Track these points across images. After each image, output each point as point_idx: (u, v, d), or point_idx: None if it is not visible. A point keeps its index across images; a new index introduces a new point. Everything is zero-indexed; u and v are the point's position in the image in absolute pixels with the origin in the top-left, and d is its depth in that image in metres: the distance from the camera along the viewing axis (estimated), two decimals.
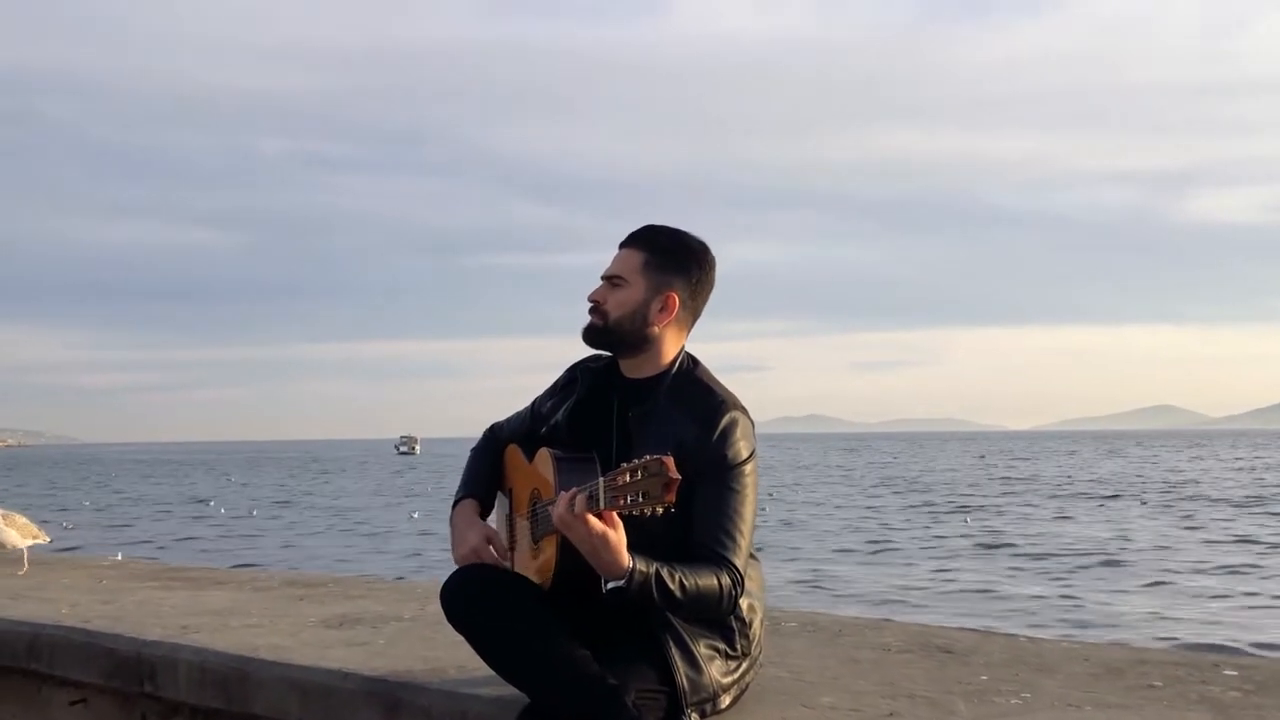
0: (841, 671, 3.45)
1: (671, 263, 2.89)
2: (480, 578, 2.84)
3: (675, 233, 2.94)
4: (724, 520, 2.77)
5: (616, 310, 2.89)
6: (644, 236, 2.93)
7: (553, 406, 3.06)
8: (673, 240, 2.93)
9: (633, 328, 2.89)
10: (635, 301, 2.88)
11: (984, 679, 3.36)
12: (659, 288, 2.88)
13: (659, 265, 2.89)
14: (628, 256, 2.92)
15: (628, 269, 2.90)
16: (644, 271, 2.88)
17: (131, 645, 3.93)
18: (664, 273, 2.88)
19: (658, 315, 2.89)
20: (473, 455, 3.20)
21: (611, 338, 2.92)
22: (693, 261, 2.91)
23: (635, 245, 2.92)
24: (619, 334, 2.90)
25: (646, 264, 2.89)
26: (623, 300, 2.88)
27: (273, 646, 3.74)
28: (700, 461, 2.76)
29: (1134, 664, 3.58)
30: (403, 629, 4.07)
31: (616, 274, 2.91)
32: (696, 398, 2.87)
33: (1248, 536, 25.08)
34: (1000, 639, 4.08)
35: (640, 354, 2.93)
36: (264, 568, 12.96)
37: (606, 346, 2.97)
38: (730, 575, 2.75)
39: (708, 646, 2.82)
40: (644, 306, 2.88)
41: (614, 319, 2.89)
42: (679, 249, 2.91)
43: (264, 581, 5.42)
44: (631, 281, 2.88)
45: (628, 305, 2.88)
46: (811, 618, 4.46)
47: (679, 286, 2.89)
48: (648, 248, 2.91)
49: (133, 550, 21.77)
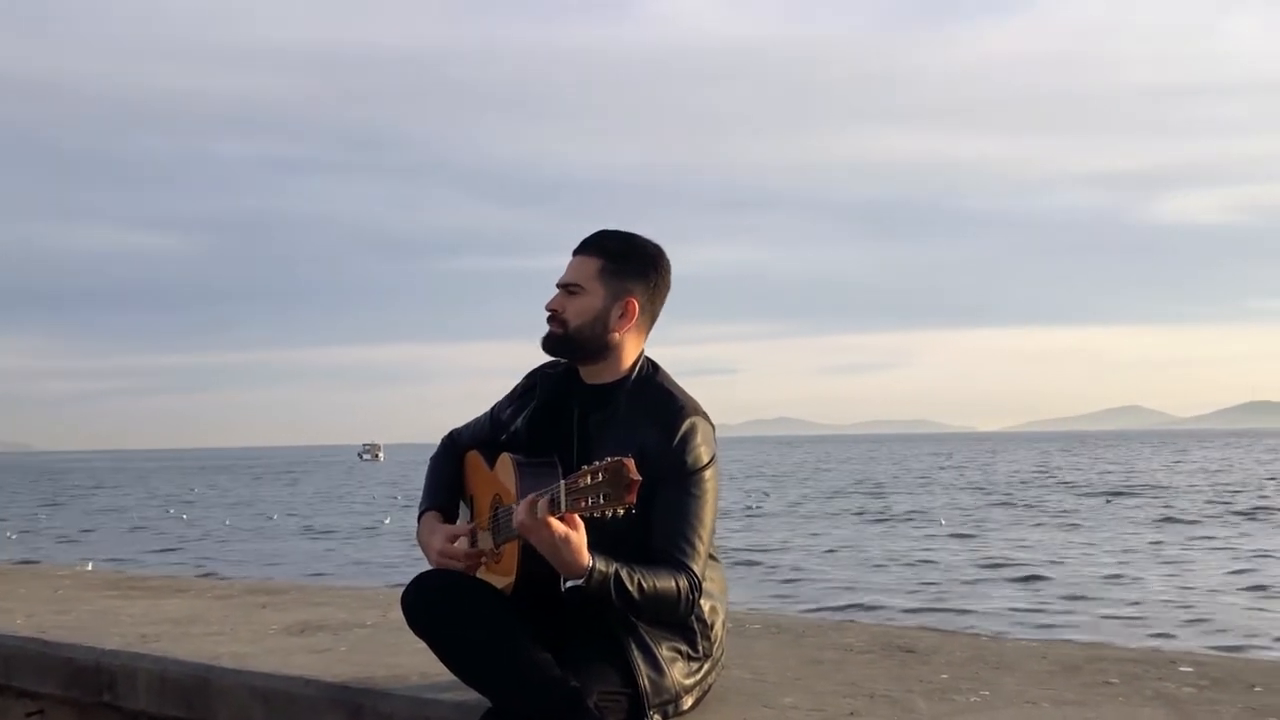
0: (804, 672, 3.50)
1: (628, 268, 2.93)
2: (440, 583, 2.87)
3: (629, 237, 2.98)
4: (683, 525, 2.82)
5: (576, 318, 2.91)
6: (598, 243, 2.96)
7: (512, 413, 3.10)
8: (628, 245, 2.96)
9: (593, 335, 2.92)
10: (595, 309, 2.91)
11: (944, 677, 3.42)
12: (618, 294, 2.91)
13: (616, 271, 2.92)
14: (583, 264, 2.94)
15: (584, 276, 2.92)
16: (601, 278, 2.91)
17: (90, 655, 3.93)
18: (621, 278, 2.92)
19: (618, 321, 2.92)
20: (432, 463, 3.22)
21: (572, 345, 2.95)
22: (649, 265, 2.95)
23: (590, 252, 2.95)
24: (579, 342, 2.93)
25: (603, 270, 2.91)
26: (582, 308, 2.91)
27: (234, 654, 3.76)
28: (661, 466, 2.80)
29: (1091, 661, 3.65)
30: (365, 636, 4.09)
31: (573, 282, 2.93)
32: (657, 403, 2.91)
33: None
34: (962, 638, 4.15)
35: (600, 360, 2.96)
36: (226, 576, 12.91)
37: (567, 354, 3.00)
38: (688, 579, 2.79)
39: (670, 648, 2.86)
40: (604, 313, 2.91)
41: (574, 327, 2.92)
42: (635, 253, 2.95)
43: (225, 589, 5.43)
44: (589, 289, 2.91)
45: (587, 313, 2.91)
46: (775, 619, 4.52)
47: (638, 291, 2.93)
48: (603, 254, 2.93)
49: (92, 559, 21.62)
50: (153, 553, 26.07)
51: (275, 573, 21.05)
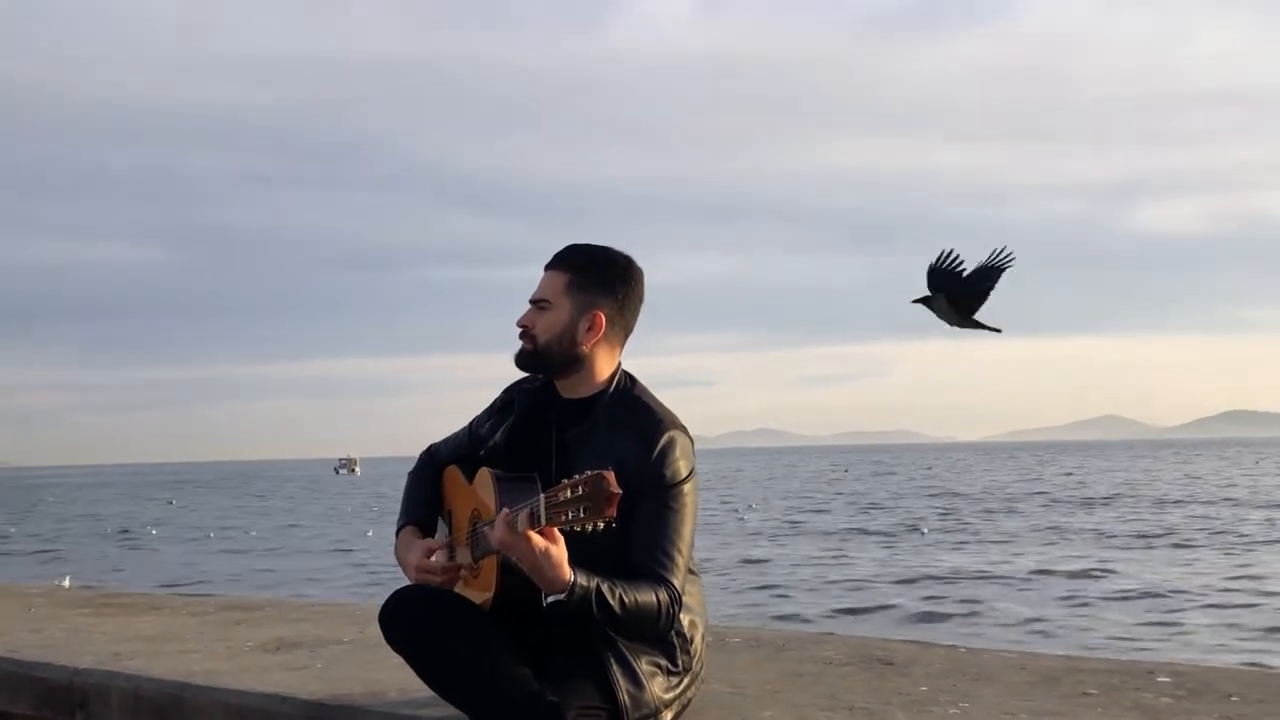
0: (783, 685, 3.51)
1: (595, 281, 2.94)
2: (418, 598, 2.87)
3: (598, 250, 2.99)
4: (663, 539, 2.82)
5: (545, 333, 2.93)
6: (566, 257, 2.98)
7: (491, 428, 3.10)
8: (595, 258, 2.97)
9: (562, 349, 2.94)
10: (562, 323, 2.92)
11: (923, 689, 3.44)
12: (584, 307, 2.93)
13: (582, 285, 2.93)
14: (552, 278, 2.96)
15: (552, 291, 2.94)
16: (568, 292, 2.93)
17: (62, 673, 3.91)
18: (588, 292, 2.93)
19: (586, 335, 2.93)
20: (411, 478, 3.23)
21: (542, 360, 2.97)
22: (617, 278, 2.96)
23: (558, 267, 2.97)
24: (549, 356, 2.95)
25: (570, 284, 2.93)
26: (550, 323, 2.93)
27: (208, 672, 3.74)
28: (640, 480, 2.81)
29: (1070, 672, 3.68)
30: (342, 652, 4.08)
31: (542, 297, 2.95)
32: (635, 417, 2.92)
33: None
34: (940, 650, 4.16)
35: (573, 374, 2.97)
36: (200, 593, 12.83)
37: (539, 370, 3.01)
38: (669, 593, 2.79)
39: (649, 663, 2.86)
40: (571, 327, 2.92)
41: (543, 342, 2.94)
42: (602, 267, 2.96)
43: (200, 606, 5.40)
44: (557, 304, 2.93)
45: (555, 328, 2.92)
46: (754, 633, 4.53)
47: (605, 305, 2.94)
48: (571, 268, 2.95)
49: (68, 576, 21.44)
50: (127, 569, 25.87)
51: (252, 589, 20.92)
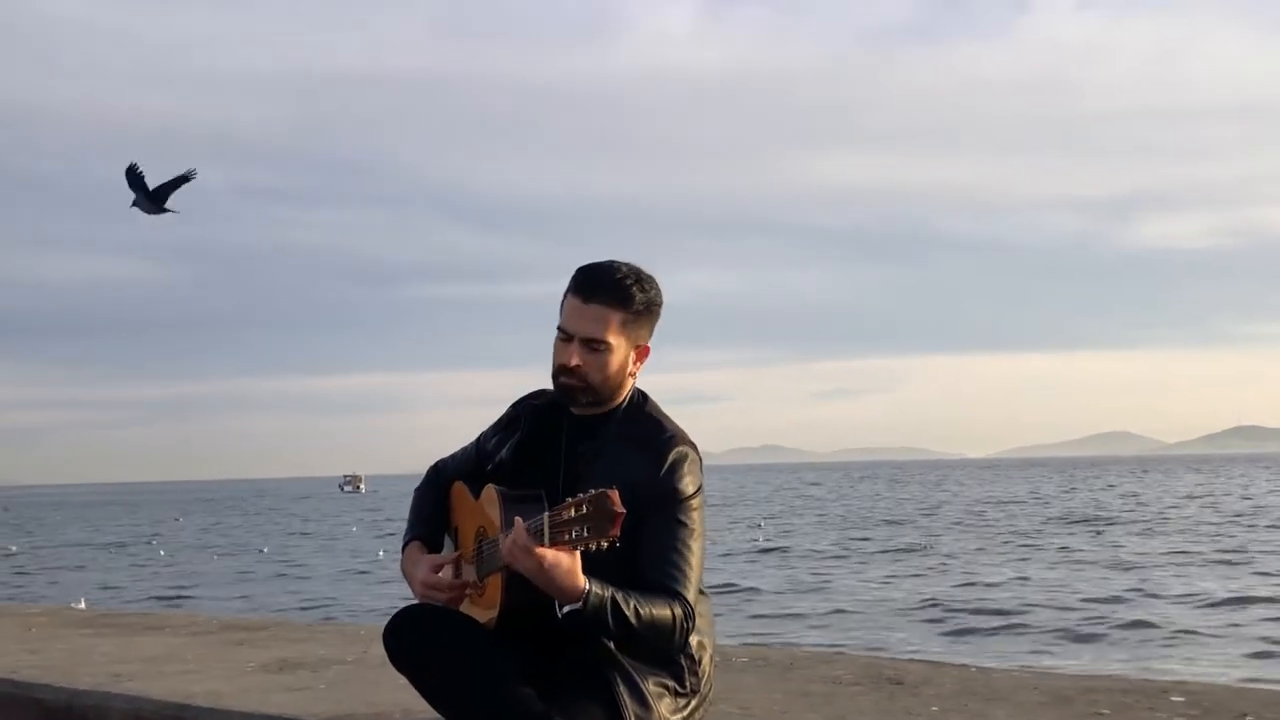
0: (791, 705, 3.47)
1: (644, 316, 2.89)
2: (422, 617, 2.84)
3: (646, 285, 2.88)
4: (673, 554, 2.79)
5: (598, 374, 2.85)
6: (614, 292, 2.85)
7: (498, 443, 3.07)
8: (643, 292, 2.87)
9: (610, 387, 2.89)
10: (618, 364, 2.87)
11: (934, 709, 3.40)
12: (635, 343, 2.89)
13: (635, 322, 2.87)
14: (602, 316, 2.84)
15: (608, 331, 2.84)
16: (623, 331, 2.86)
17: (61, 695, 3.88)
18: (637, 327, 2.88)
19: (634, 367, 2.91)
20: (417, 494, 3.19)
21: (590, 397, 2.89)
22: (656, 306, 2.91)
23: (608, 303, 2.84)
24: (598, 393, 2.88)
25: (624, 323, 2.85)
26: (604, 364, 2.85)
27: (209, 693, 3.71)
28: (649, 496, 2.78)
29: (1082, 692, 3.63)
30: (345, 672, 4.05)
31: (596, 338, 2.84)
32: (646, 433, 2.88)
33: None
34: (951, 669, 4.12)
35: (613, 401, 2.93)
36: (201, 612, 12.78)
37: (586, 405, 2.92)
38: (683, 607, 2.76)
39: (656, 684, 2.82)
40: (624, 365, 2.88)
41: (595, 381, 2.86)
42: (650, 301, 2.89)
43: (201, 626, 5.37)
44: (614, 345, 2.85)
45: (610, 368, 2.85)
46: (762, 652, 4.49)
47: (646, 335, 2.91)
48: (622, 304, 2.85)
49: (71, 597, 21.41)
50: (137, 588, 25.77)
51: (258, 608, 20.87)
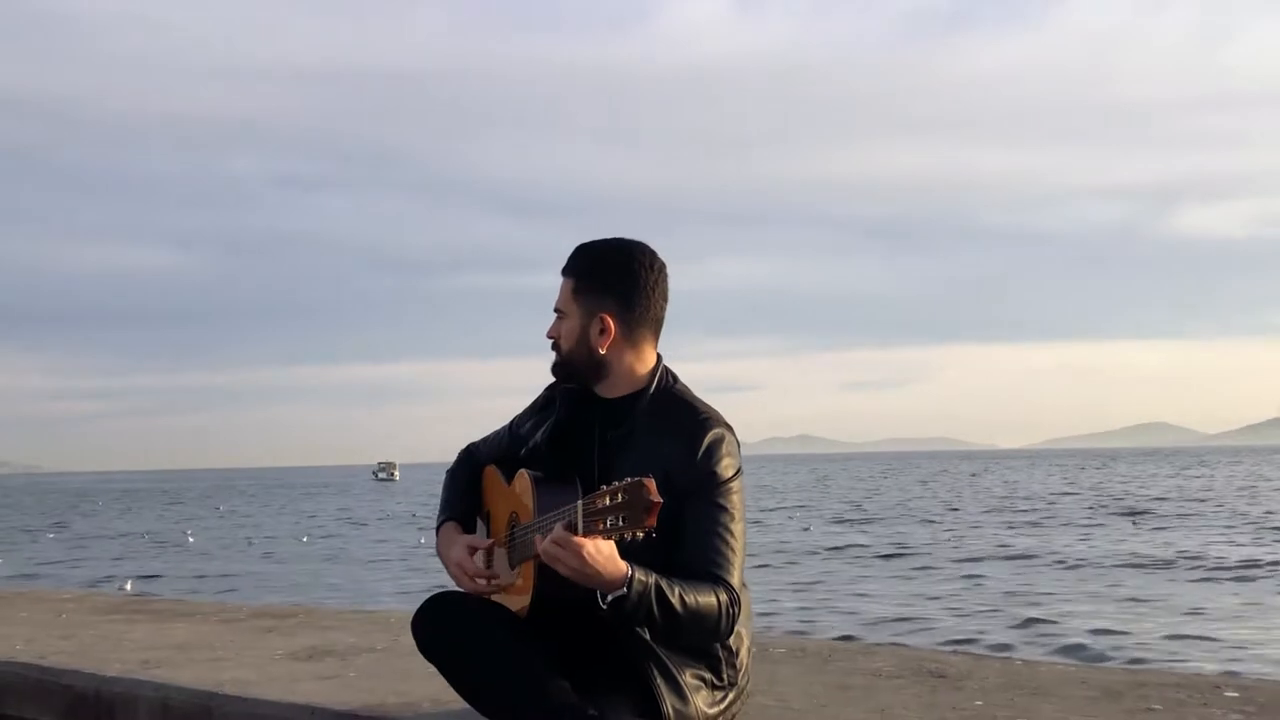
0: (830, 699, 3.39)
1: (597, 284, 2.85)
2: (453, 606, 2.78)
3: (598, 249, 2.90)
4: (716, 540, 2.72)
5: (565, 343, 2.89)
6: (572, 261, 2.91)
7: (532, 427, 3.01)
8: (594, 259, 2.89)
9: (582, 357, 2.87)
10: (576, 331, 2.87)
11: (978, 704, 3.31)
12: (591, 311, 2.85)
13: (586, 289, 2.86)
14: (563, 285, 2.91)
15: (564, 299, 2.90)
16: (575, 299, 2.87)
17: (90, 682, 3.84)
18: (592, 295, 2.85)
19: (600, 339, 2.85)
20: (449, 477, 3.14)
21: (570, 368, 2.91)
22: (614, 277, 2.85)
23: (566, 272, 2.91)
24: (574, 365, 2.89)
25: (576, 290, 2.87)
26: (567, 332, 2.88)
27: (238, 681, 3.67)
28: (687, 481, 2.71)
29: (1132, 687, 3.53)
30: (376, 660, 4.00)
31: (558, 306, 2.91)
32: (678, 416, 2.81)
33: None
34: (995, 662, 4.03)
35: (604, 377, 2.88)
36: (233, 600, 12.80)
37: (569, 378, 2.94)
38: (728, 593, 2.69)
39: (694, 676, 2.75)
40: (584, 334, 2.85)
41: (565, 351, 2.89)
42: (601, 267, 2.87)
43: (232, 613, 5.34)
44: (569, 311, 2.88)
45: (571, 336, 2.87)
46: (800, 643, 4.41)
47: (610, 305, 2.84)
48: (574, 273, 2.89)
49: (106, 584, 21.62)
50: (170, 576, 25.93)
51: (292, 597, 20.97)
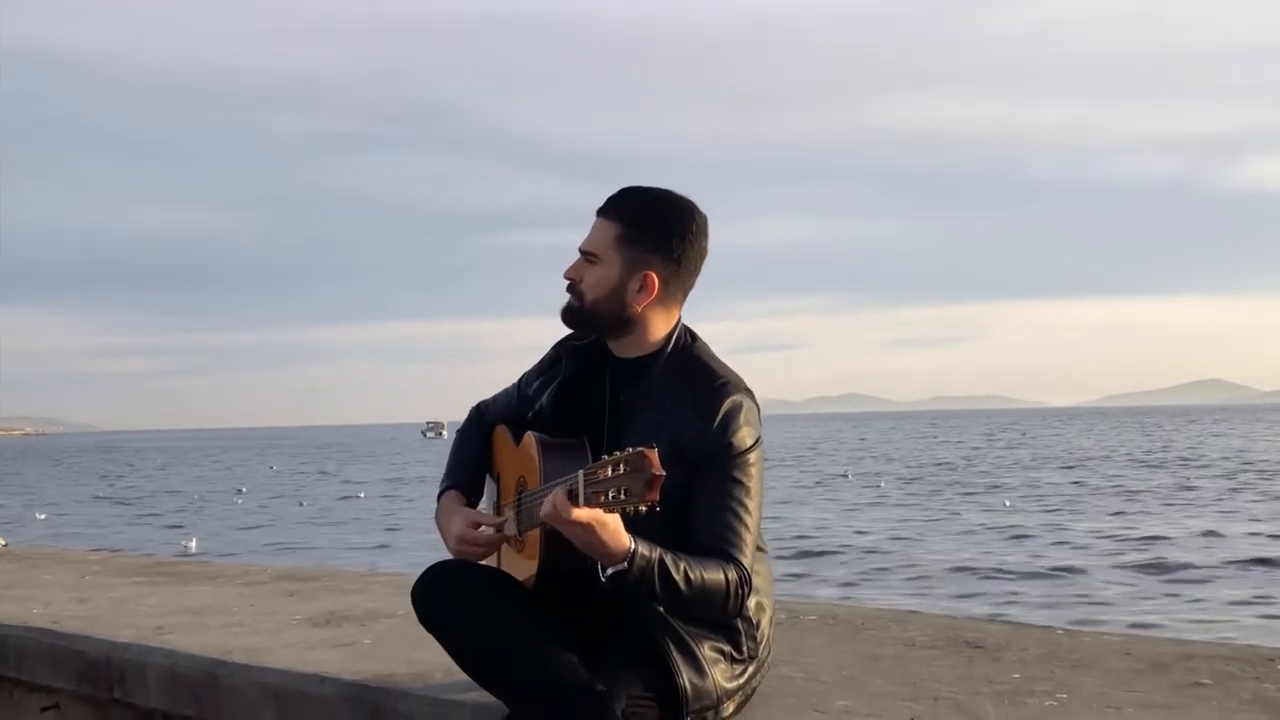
0: (860, 670, 3.25)
1: (648, 236, 2.64)
2: (455, 574, 2.66)
3: (653, 199, 2.68)
4: (727, 513, 2.57)
5: (592, 291, 2.67)
6: (618, 205, 2.68)
7: (539, 387, 2.86)
8: (649, 209, 2.67)
9: (610, 309, 2.67)
10: (611, 282, 2.65)
11: (1016, 677, 3.16)
12: (636, 266, 2.64)
13: (634, 239, 2.64)
14: (602, 229, 2.67)
15: (602, 244, 2.66)
16: (619, 247, 2.64)
17: (101, 648, 3.77)
18: (640, 248, 2.64)
19: (636, 296, 2.65)
20: (458, 437, 3.01)
21: (589, 319, 2.70)
22: (673, 232, 2.66)
23: (610, 215, 2.67)
24: (596, 316, 2.69)
25: (621, 239, 2.64)
26: (598, 280, 2.66)
27: (248, 648, 3.58)
28: (700, 450, 2.56)
29: (1180, 659, 3.36)
30: (393, 627, 3.89)
31: (590, 249, 2.68)
32: (695, 379, 2.66)
33: None
34: (1035, 632, 3.86)
35: (625, 335, 2.71)
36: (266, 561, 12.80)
37: (585, 329, 2.75)
38: (738, 571, 2.54)
39: (712, 649, 2.62)
40: (620, 287, 2.65)
41: (590, 300, 2.67)
42: (656, 219, 2.66)
43: (255, 576, 5.26)
44: (605, 259, 2.65)
45: (603, 286, 2.65)
46: (831, 610, 4.26)
47: (658, 263, 2.65)
48: (622, 219, 2.66)
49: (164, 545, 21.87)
50: (224, 535, 26.12)
51: (336, 557, 21.10)
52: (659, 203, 2.68)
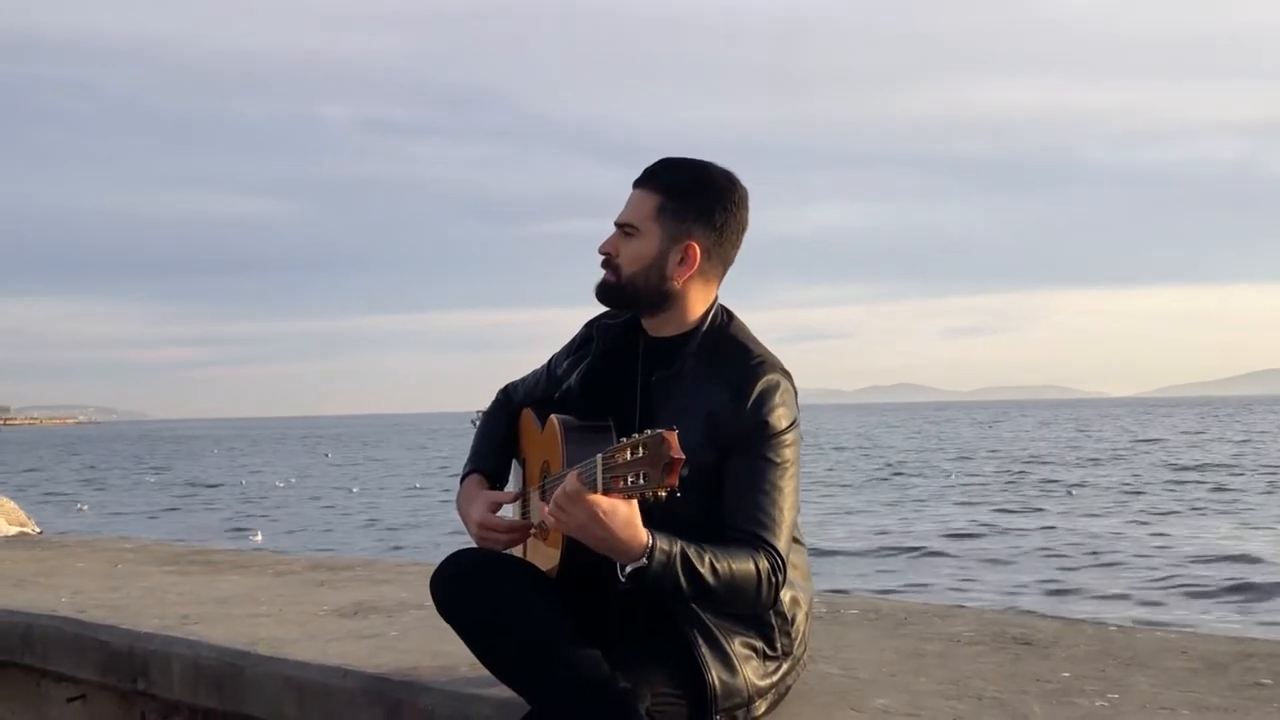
0: (901, 667, 3.16)
1: (690, 206, 2.58)
2: (475, 564, 2.59)
3: (694, 168, 2.63)
4: (761, 497, 2.48)
5: (631, 264, 2.60)
6: (658, 175, 2.62)
7: (569, 366, 2.79)
8: (691, 178, 2.61)
9: (649, 284, 2.60)
10: (651, 254, 2.59)
11: (1065, 675, 3.06)
12: (676, 237, 2.58)
13: (676, 210, 2.58)
14: (641, 200, 2.61)
15: (641, 215, 2.60)
16: (659, 219, 2.58)
17: (125, 638, 3.75)
18: (682, 219, 2.58)
19: (677, 269, 2.59)
20: (484, 420, 2.94)
21: (627, 295, 2.63)
22: (716, 203, 2.60)
23: (649, 186, 2.62)
24: (634, 291, 2.62)
25: (661, 209, 2.58)
26: (637, 253, 2.59)
27: (273, 639, 3.54)
28: (733, 431, 2.48)
29: (1238, 658, 3.24)
30: (420, 618, 3.84)
31: (628, 222, 2.61)
32: (730, 358, 2.58)
33: None
34: (1087, 628, 3.75)
35: (662, 311, 2.64)
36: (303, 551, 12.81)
37: (622, 305, 2.69)
38: (770, 559, 2.45)
39: (743, 644, 2.54)
40: (660, 259, 2.59)
41: (628, 274, 2.60)
42: (698, 189, 2.60)
43: (287, 565, 5.24)
44: (645, 231, 2.59)
45: (642, 259, 2.59)
46: (874, 604, 4.16)
47: (700, 234, 2.59)
48: (663, 189, 2.60)
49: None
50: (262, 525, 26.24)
51: (381, 544, 21.20)
52: (700, 172, 2.62)
